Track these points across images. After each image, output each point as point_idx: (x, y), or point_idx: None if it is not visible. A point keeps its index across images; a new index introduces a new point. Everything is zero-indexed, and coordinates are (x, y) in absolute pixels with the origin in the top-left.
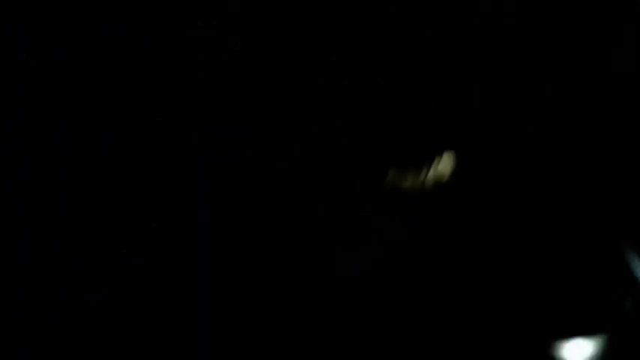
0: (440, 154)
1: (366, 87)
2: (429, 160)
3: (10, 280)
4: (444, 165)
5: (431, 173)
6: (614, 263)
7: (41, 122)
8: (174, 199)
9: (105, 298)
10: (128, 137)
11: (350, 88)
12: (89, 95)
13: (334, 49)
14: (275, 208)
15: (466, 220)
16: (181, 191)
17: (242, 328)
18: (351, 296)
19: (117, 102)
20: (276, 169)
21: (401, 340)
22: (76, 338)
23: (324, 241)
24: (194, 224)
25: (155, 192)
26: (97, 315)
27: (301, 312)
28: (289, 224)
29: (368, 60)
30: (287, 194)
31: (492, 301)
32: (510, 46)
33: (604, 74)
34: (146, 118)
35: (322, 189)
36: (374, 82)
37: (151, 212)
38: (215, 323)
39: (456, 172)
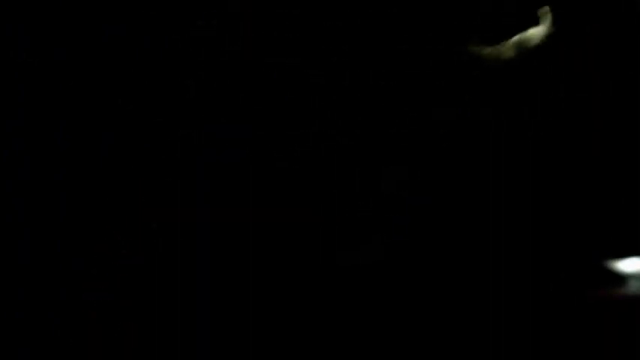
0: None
1: (366, 87)
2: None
3: (10, 280)
4: (533, 31)
5: (515, 39)
6: None
7: (41, 122)
8: (174, 199)
9: (105, 298)
10: (128, 137)
11: (350, 88)
12: (89, 95)
13: (334, 49)
14: (275, 208)
15: (466, 215)
16: (181, 191)
17: (242, 328)
18: (351, 296)
19: (117, 102)
20: (276, 169)
21: (406, 336)
22: (76, 338)
23: (324, 241)
24: (194, 224)
25: (155, 192)
26: (97, 315)
27: (301, 312)
28: (289, 224)
29: (368, 60)
30: (287, 194)
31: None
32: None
33: (604, 74)
34: (146, 118)
35: (322, 189)
36: (374, 82)
37: (151, 212)
38: (215, 323)
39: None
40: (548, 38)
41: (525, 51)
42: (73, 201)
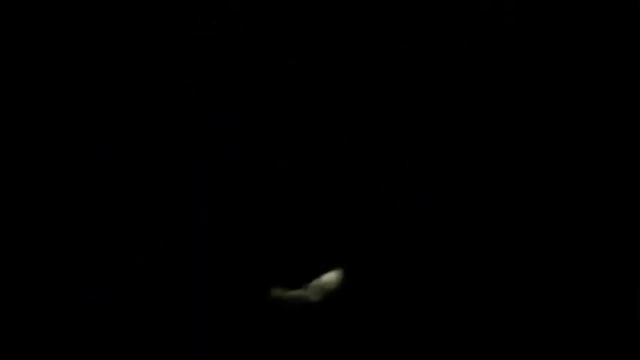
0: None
1: (366, 87)
2: (313, 274)
3: (10, 280)
4: (329, 278)
5: (315, 285)
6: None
7: (41, 122)
8: (174, 199)
9: (105, 298)
10: (128, 137)
11: (350, 88)
12: (89, 95)
13: (334, 49)
14: (275, 208)
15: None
16: (181, 191)
17: (242, 328)
18: (351, 296)
19: (117, 102)
20: (276, 169)
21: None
22: (76, 338)
23: (324, 241)
24: (194, 224)
25: (155, 192)
26: (97, 315)
27: (301, 312)
28: (289, 224)
29: (368, 60)
30: (287, 194)
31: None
32: (510, 46)
33: (604, 74)
34: (146, 118)
35: (322, 189)
36: (374, 82)
37: (151, 212)
38: (215, 323)
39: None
40: (343, 281)
41: (328, 293)
42: (73, 201)
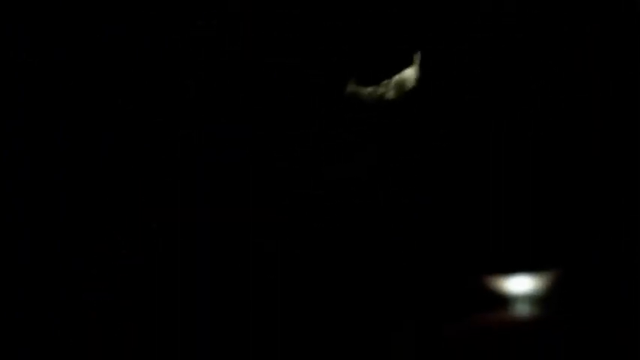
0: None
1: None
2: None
3: (10, 280)
4: (409, 72)
5: (392, 82)
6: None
7: (41, 122)
8: (174, 199)
9: (105, 298)
10: (128, 137)
11: (350, 88)
12: (89, 95)
13: (334, 49)
14: (275, 208)
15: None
16: (181, 191)
17: (242, 328)
18: (351, 294)
19: (117, 102)
20: (276, 169)
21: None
22: (76, 338)
23: (323, 241)
24: (194, 224)
25: (155, 192)
26: (97, 315)
27: (301, 312)
28: (289, 224)
29: (368, 60)
30: (287, 194)
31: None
32: (510, 46)
33: (604, 74)
34: (146, 118)
35: (321, 189)
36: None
37: (151, 212)
38: (215, 323)
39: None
40: (421, 80)
41: (404, 90)
42: (73, 201)
